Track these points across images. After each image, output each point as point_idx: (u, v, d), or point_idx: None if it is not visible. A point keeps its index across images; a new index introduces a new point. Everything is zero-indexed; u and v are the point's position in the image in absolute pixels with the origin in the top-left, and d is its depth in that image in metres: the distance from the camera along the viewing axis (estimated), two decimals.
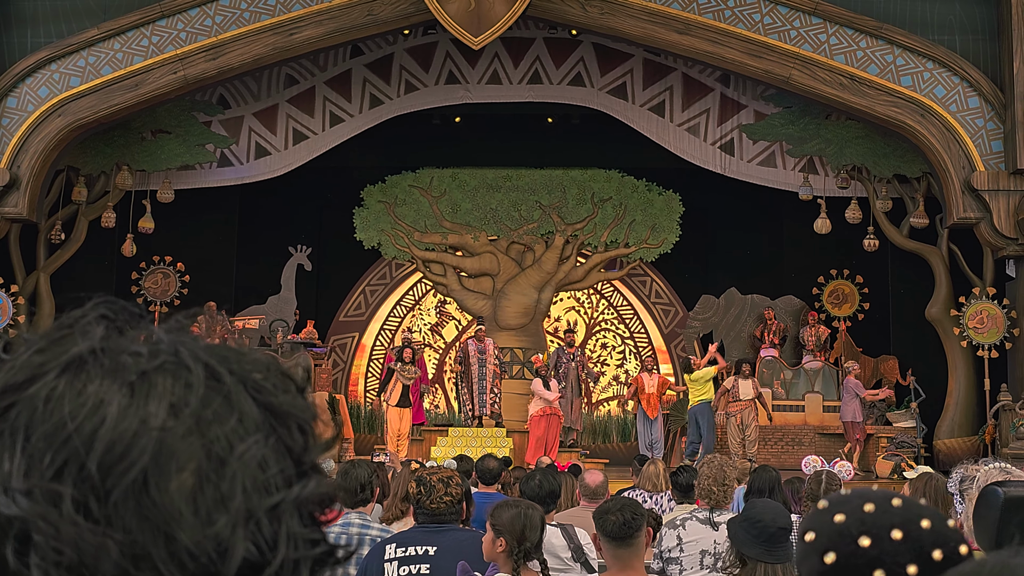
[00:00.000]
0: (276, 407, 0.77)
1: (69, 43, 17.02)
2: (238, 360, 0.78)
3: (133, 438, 0.71)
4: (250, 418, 0.75)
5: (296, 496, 0.75)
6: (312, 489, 0.77)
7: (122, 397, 0.73)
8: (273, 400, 0.77)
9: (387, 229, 21.77)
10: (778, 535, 4.00)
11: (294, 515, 0.75)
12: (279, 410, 0.77)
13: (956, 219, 16.68)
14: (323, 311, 22.05)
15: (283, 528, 0.74)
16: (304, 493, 0.76)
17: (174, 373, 0.75)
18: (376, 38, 18.72)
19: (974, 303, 17.16)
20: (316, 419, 0.80)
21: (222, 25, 17.11)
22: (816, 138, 18.80)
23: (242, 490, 0.73)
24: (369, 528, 5.56)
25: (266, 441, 0.75)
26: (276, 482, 0.75)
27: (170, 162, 19.11)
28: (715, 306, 21.13)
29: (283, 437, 0.77)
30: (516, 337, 21.24)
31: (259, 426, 0.75)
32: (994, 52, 16.79)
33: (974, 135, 16.55)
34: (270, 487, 0.74)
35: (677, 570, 5.79)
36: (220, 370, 0.76)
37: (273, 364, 0.81)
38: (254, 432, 0.75)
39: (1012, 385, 16.59)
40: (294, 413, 0.78)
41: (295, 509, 0.75)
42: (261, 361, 0.80)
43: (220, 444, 0.73)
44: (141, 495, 0.70)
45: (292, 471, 0.76)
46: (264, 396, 0.77)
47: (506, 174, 21.71)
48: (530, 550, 4.13)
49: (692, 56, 17.34)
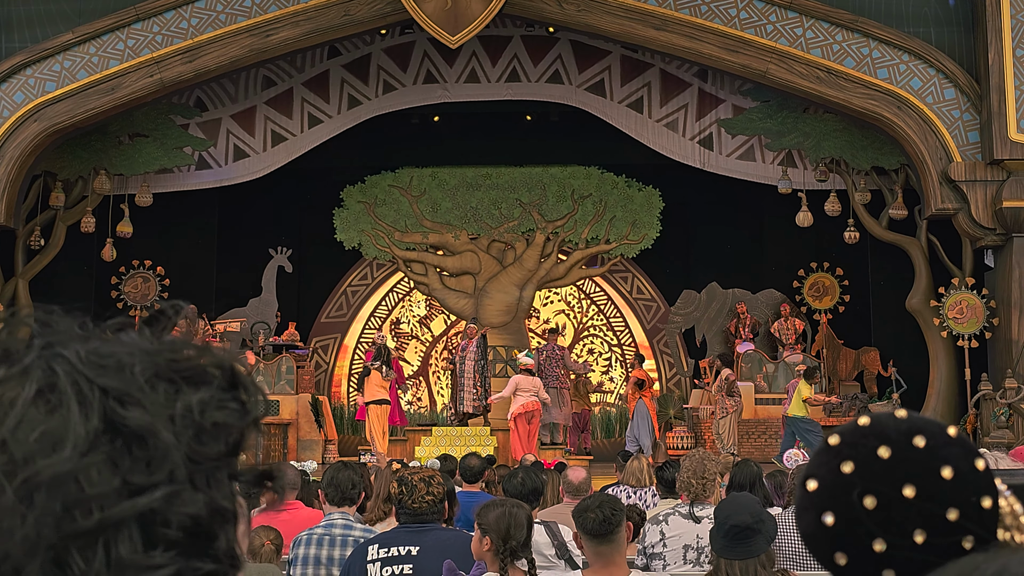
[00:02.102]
0: (131, 420, 0.71)
1: (44, 48, 16.93)
2: (116, 367, 0.73)
3: None
4: (71, 431, 0.69)
5: (121, 517, 0.68)
6: (152, 507, 0.69)
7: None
8: (132, 412, 0.71)
9: (367, 229, 21.74)
10: (733, 532, 3.98)
11: (124, 539, 0.68)
12: (134, 422, 0.71)
13: (934, 210, 16.76)
14: (304, 313, 22.02)
15: (98, 554, 0.68)
16: (135, 511, 0.69)
17: (10, 385, 0.71)
18: (353, 38, 18.68)
19: (954, 293, 17.24)
20: (187, 431, 0.73)
21: (198, 27, 17.05)
22: (794, 132, 18.85)
23: (41, 512, 0.67)
24: (352, 528, 5.56)
25: (87, 456, 0.69)
26: (101, 502, 0.68)
27: (148, 166, 19.02)
28: (697, 301, 21.17)
29: (129, 450, 0.70)
30: (499, 335, 21.24)
31: (85, 440, 0.69)
32: (969, 44, 16.87)
33: (951, 126, 16.63)
34: (88, 508, 0.68)
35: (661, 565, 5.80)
36: (62, 381, 0.71)
37: (183, 363, 0.75)
38: (71, 447, 0.69)
39: (992, 374, 16.67)
40: (149, 426, 0.71)
41: (129, 531, 0.69)
42: (159, 361, 0.74)
43: (15, 463, 0.68)
44: None
45: (130, 488, 0.69)
46: (123, 407, 0.71)
47: (486, 172, 21.71)
48: (516, 548, 4.12)
49: (669, 52, 17.37)
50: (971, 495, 0.84)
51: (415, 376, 22.71)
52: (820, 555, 0.88)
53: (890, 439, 0.86)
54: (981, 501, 0.83)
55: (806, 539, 0.89)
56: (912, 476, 0.84)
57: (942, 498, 0.83)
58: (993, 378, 16.57)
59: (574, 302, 23.27)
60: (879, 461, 0.85)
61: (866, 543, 0.84)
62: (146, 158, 18.99)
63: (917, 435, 0.86)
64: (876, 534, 0.84)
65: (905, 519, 0.83)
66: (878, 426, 0.88)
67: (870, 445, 0.86)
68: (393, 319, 23.01)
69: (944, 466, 0.84)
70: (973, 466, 0.85)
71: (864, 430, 0.88)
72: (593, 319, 23.21)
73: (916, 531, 0.83)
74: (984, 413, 16.41)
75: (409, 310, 23.07)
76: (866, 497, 0.84)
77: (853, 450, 0.87)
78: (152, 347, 0.76)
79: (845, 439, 0.89)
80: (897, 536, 0.83)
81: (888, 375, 18.64)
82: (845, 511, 0.85)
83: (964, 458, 0.85)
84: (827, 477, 0.87)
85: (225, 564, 0.73)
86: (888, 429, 0.87)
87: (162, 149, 19.09)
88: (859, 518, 0.85)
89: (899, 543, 0.83)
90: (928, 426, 0.87)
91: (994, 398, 16.18)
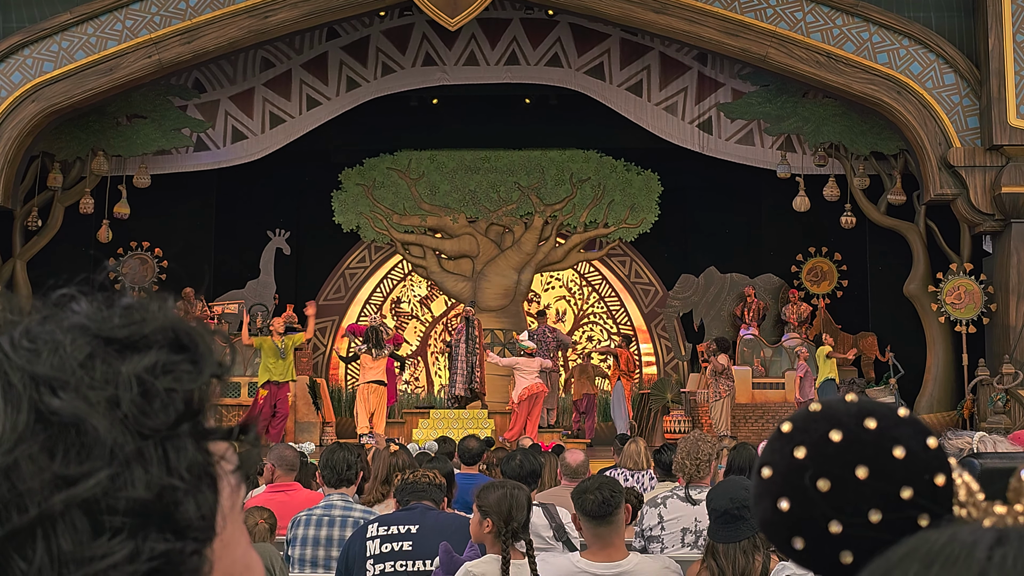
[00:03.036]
0: (58, 409, 0.69)
1: (42, 28, 16.87)
2: (53, 348, 0.71)
3: None
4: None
5: (59, 508, 0.66)
6: (87, 494, 0.67)
7: None
8: (56, 403, 0.69)
9: (366, 212, 21.71)
10: (715, 516, 4.04)
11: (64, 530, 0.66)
12: (61, 413, 0.69)
13: (933, 195, 16.75)
14: (302, 295, 21.97)
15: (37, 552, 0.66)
16: (73, 499, 0.67)
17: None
18: (352, 20, 18.63)
19: (951, 279, 17.25)
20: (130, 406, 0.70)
21: (196, 8, 17.00)
22: (793, 116, 18.83)
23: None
24: (352, 509, 5.57)
25: (13, 452, 0.67)
26: (37, 496, 0.66)
27: (146, 147, 18.99)
28: (695, 285, 21.17)
29: (63, 441, 0.68)
30: (497, 318, 21.25)
31: (9, 435, 0.67)
32: (969, 29, 16.84)
33: (950, 111, 16.61)
34: (23, 504, 0.66)
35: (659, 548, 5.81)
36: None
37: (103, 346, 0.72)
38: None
39: (990, 360, 16.69)
40: (82, 414, 0.69)
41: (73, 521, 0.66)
42: (88, 347, 0.72)
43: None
44: None
45: (61, 479, 0.67)
46: (51, 398, 0.69)
47: (484, 155, 21.68)
48: (517, 530, 4.13)
49: (669, 35, 17.33)
50: (924, 473, 0.84)
51: (413, 356, 22.73)
52: (778, 541, 0.88)
53: (841, 423, 0.87)
54: (934, 478, 0.84)
55: (763, 526, 0.90)
56: (864, 457, 0.85)
57: (895, 477, 0.84)
58: (990, 364, 16.59)
59: (575, 288, 23.28)
60: (831, 445, 0.86)
61: (822, 526, 0.85)
62: (144, 139, 18.96)
63: (868, 417, 0.86)
64: (831, 516, 0.84)
65: (859, 500, 0.84)
66: (829, 411, 0.88)
67: (822, 429, 0.87)
68: (394, 298, 23.03)
69: (896, 446, 0.85)
70: (925, 445, 0.86)
71: (815, 415, 0.89)
72: (594, 307, 23.22)
73: (871, 511, 0.83)
74: (981, 398, 16.44)
75: (410, 290, 23.11)
76: (820, 480, 0.85)
77: (805, 435, 0.88)
78: (93, 318, 0.74)
79: (797, 425, 0.89)
80: (852, 517, 0.84)
81: (885, 360, 18.67)
82: (800, 496, 0.86)
83: (915, 438, 0.86)
84: (781, 463, 0.88)
85: (189, 538, 0.70)
86: (839, 413, 0.88)
87: (160, 130, 19.06)
88: (814, 502, 0.85)
89: (855, 524, 0.84)
90: (879, 408, 0.88)
91: (991, 383, 16.21)
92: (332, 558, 5.35)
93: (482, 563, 4.15)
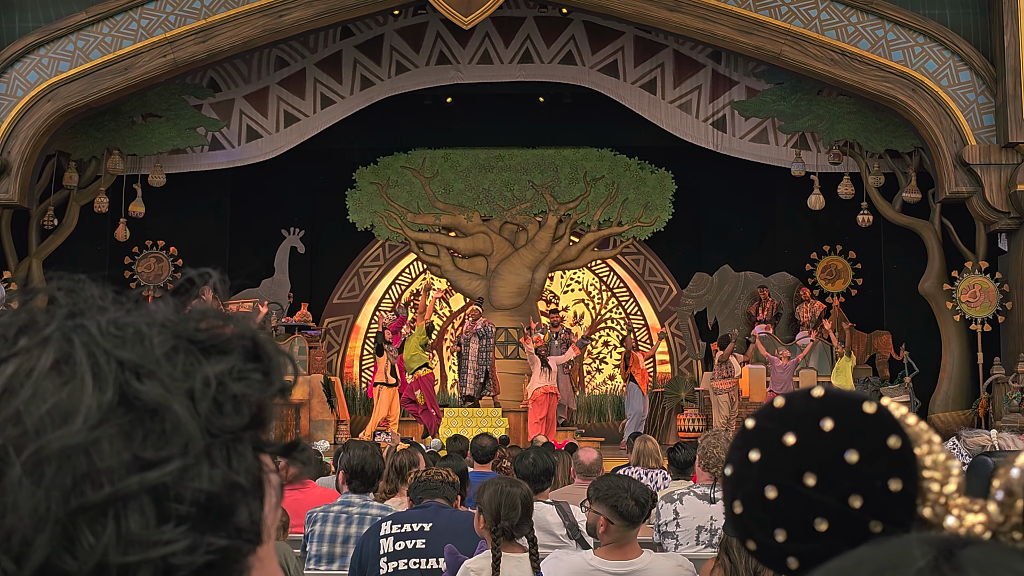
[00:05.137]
0: (144, 393, 0.70)
1: (58, 27, 16.94)
2: (133, 339, 0.73)
3: None
4: (83, 404, 0.69)
5: (128, 492, 0.67)
6: (161, 481, 0.68)
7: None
8: (147, 385, 0.71)
9: (380, 211, 21.74)
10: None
11: (133, 513, 0.67)
12: (148, 396, 0.70)
13: (948, 193, 16.69)
14: (317, 293, 22.07)
15: (107, 529, 0.67)
16: (144, 486, 0.68)
17: (27, 357, 0.70)
18: (366, 19, 18.66)
19: (967, 277, 17.19)
20: (205, 404, 0.72)
21: (211, 7, 17.04)
22: (808, 114, 18.78)
23: (49, 486, 0.66)
24: (369, 507, 5.58)
25: (97, 429, 0.68)
26: (111, 476, 0.67)
27: (161, 146, 19.05)
28: (709, 283, 21.14)
29: (142, 424, 0.70)
30: (510, 317, 21.26)
31: (98, 413, 0.69)
32: (985, 26, 16.77)
33: (965, 109, 16.55)
34: (98, 482, 0.67)
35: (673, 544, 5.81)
36: (77, 352, 0.71)
37: (204, 336, 0.75)
38: (82, 419, 0.68)
39: (1005, 358, 16.63)
40: (165, 402, 0.70)
41: (139, 505, 0.68)
42: (170, 342, 0.73)
43: (27, 435, 0.67)
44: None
45: (141, 462, 0.69)
46: (139, 380, 0.70)
47: (498, 154, 21.68)
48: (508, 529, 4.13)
49: (683, 33, 17.30)
50: (877, 479, 0.80)
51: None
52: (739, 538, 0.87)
53: (797, 425, 0.83)
54: (889, 484, 0.80)
55: (727, 523, 0.88)
56: (815, 464, 0.81)
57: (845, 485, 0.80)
58: (1006, 362, 16.53)
59: (594, 292, 23.29)
60: (784, 449, 0.83)
61: (770, 532, 0.82)
62: (159, 138, 19.02)
63: (826, 418, 0.82)
64: (778, 524, 0.82)
65: (806, 509, 0.81)
66: (788, 410, 0.85)
67: (778, 431, 0.83)
68: (413, 291, 23.08)
69: (850, 450, 0.81)
70: (884, 446, 0.81)
71: (775, 414, 0.85)
72: (613, 312, 23.22)
73: (818, 520, 0.80)
74: (996, 397, 16.38)
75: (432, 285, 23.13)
76: (767, 488, 0.82)
77: (761, 437, 0.85)
78: (174, 317, 0.76)
79: (758, 424, 0.86)
80: (798, 526, 0.81)
81: (900, 359, 18.61)
82: (750, 501, 0.84)
83: (874, 438, 0.81)
84: (739, 464, 0.85)
85: (243, 539, 0.72)
86: (797, 413, 0.84)
87: (175, 129, 19.11)
88: (764, 508, 0.83)
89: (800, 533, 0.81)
90: (840, 405, 0.83)
91: (1006, 382, 16.15)
92: (347, 555, 5.37)
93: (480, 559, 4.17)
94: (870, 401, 0.83)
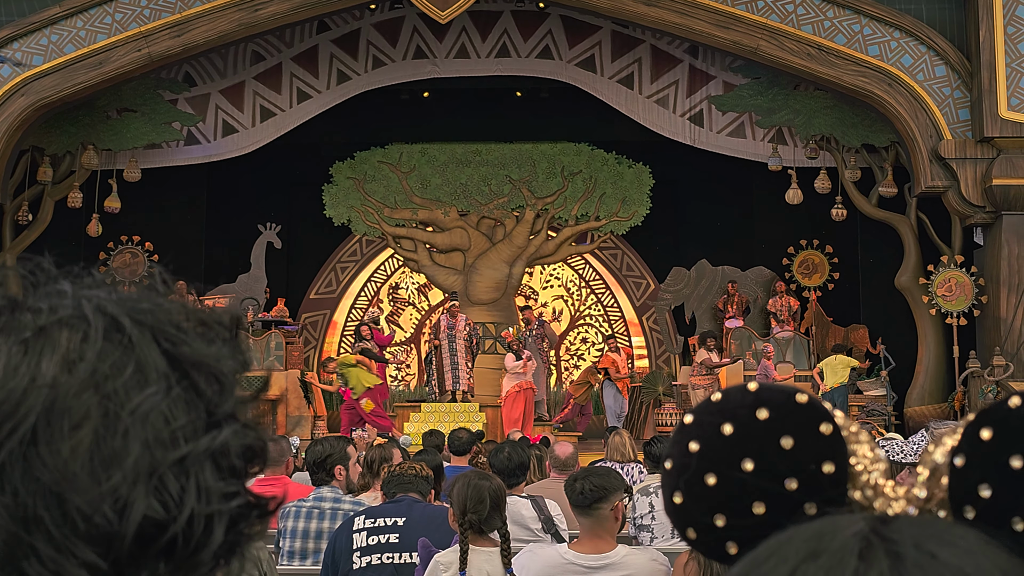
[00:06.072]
0: (187, 356, 0.74)
1: (31, 21, 16.81)
2: (151, 310, 0.75)
3: (22, 396, 0.68)
4: (152, 368, 0.72)
5: (207, 447, 0.72)
6: (227, 440, 0.73)
7: (13, 355, 0.70)
8: (185, 349, 0.74)
9: (357, 205, 21.66)
10: None
11: (207, 468, 0.72)
12: (191, 359, 0.74)
13: (924, 188, 16.76)
14: (294, 289, 21.98)
15: (191, 482, 0.71)
16: (216, 444, 0.73)
17: (72, 326, 0.72)
18: (342, 13, 18.59)
19: (942, 271, 17.27)
20: (236, 368, 0.77)
21: (186, 1, 16.94)
22: (785, 109, 18.82)
23: (141, 444, 0.70)
24: (341, 502, 5.55)
25: (169, 392, 0.72)
26: (184, 433, 0.72)
27: (136, 141, 18.93)
28: (686, 278, 21.18)
29: (196, 386, 0.73)
30: (488, 312, 21.22)
31: (163, 376, 0.72)
32: (960, 21, 16.84)
33: (941, 104, 16.62)
34: (176, 439, 0.71)
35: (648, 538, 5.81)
36: (123, 321, 0.73)
37: (194, 313, 0.78)
38: (155, 382, 0.72)
39: (980, 352, 16.72)
40: (207, 362, 0.75)
41: (208, 461, 0.72)
42: (180, 310, 0.77)
43: (116, 397, 0.70)
44: (30, 455, 0.68)
45: (203, 422, 0.73)
46: (175, 346, 0.74)
47: (475, 149, 21.64)
48: (476, 522, 4.12)
49: (660, 28, 17.31)
50: (811, 462, 0.84)
51: (407, 343, 22.77)
52: (678, 529, 0.90)
53: (735, 415, 0.87)
54: (822, 467, 0.84)
55: (668, 515, 0.91)
56: (751, 450, 0.85)
57: (780, 469, 0.84)
58: (981, 356, 16.62)
59: (573, 289, 23.31)
60: (722, 438, 0.86)
61: (709, 519, 0.86)
62: (134, 133, 18.89)
63: (761, 408, 0.86)
64: (716, 510, 0.85)
65: (744, 493, 0.84)
66: (725, 403, 0.88)
67: (715, 423, 0.87)
68: (392, 284, 23.05)
69: (784, 436, 0.85)
70: (816, 432, 0.85)
71: (713, 407, 0.89)
72: (591, 308, 23.25)
73: (755, 504, 0.84)
74: (972, 391, 16.46)
75: (409, 276, 23.13)
76: (707, 475, 0.86)
77: (700, 429, 0.88)
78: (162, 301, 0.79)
79: (696, 418, 0.90)
80: (736, 511, 0.85)
81: (877, 352, 18.68)
82: (690, 489, 0.87)
83: (807, 425, 0.85)
84: (678, 457, 0.89)
85: None
86: (734, 405, 0.88)
87: (150, 124, 18.99)
88: (703, 495, 0.86)
89: (738, 517, 0.85)
90: (774, 396, 0.87)
91: (982, 376, 16.23)
92: (320, 550, 5.35)
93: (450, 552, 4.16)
94: (801, 392, 0.87)
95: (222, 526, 0.72)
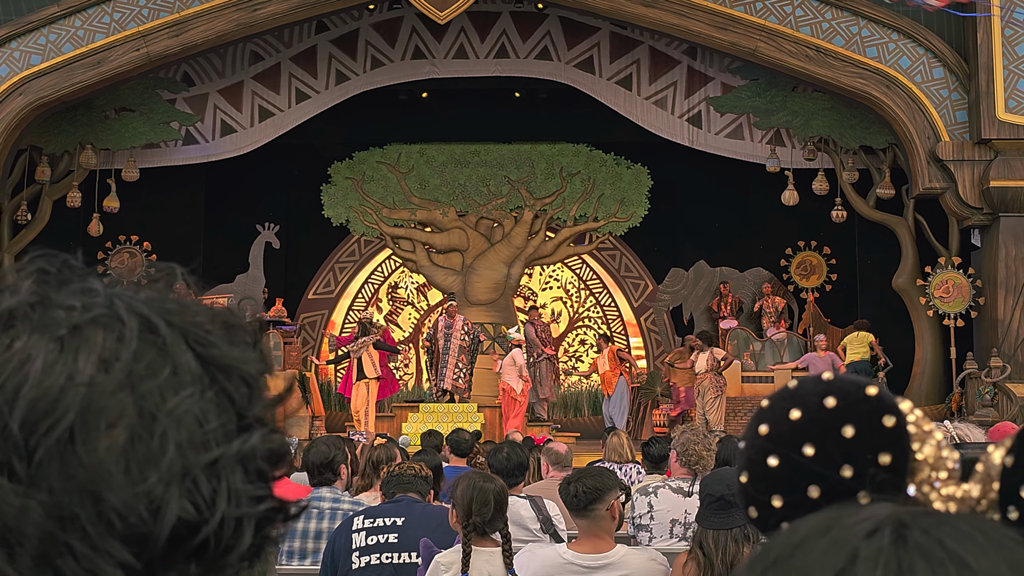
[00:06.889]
0: (218, 359, 0.74)
1: (29, 20, 16.80)
2: (180, 312, 0.76)
3: (59, 394, 0.68)
4: (186, 370, 0.72)
5: (237, 451, 0.73)
6: (256, 444, 0.74)
7: (49, 352, 0.70)
8: (215, 352, 0.75)
9: (355, 206, 21.67)
10: (708, 501, 4.08)
11: (236, 471, 0.73)
12: (221, 362, 0.75)
13: (922, 189, 16.78)
14: (292, 289, 21.98)
15: (223, 485, 0.72)
16: (246, 448, 0.74)
17: (107, 326, 0.72)
18: (341, 13, 18.59)
19: (940, 273, 17.28)
20: (263, 371, 0.78)
21: (185, 1, 16.94)
22: (783, 110, 18.83)
23: (176, 446, 0.70)
24: (340, 502, 5.56)
25: (203, 394, 0.72)
26: (216, 437, 0.72)
27: (134, 140, 18.92)
28: (684, 279, 21.19)
29: (225, 390, 0.74)
30: (486, 312, 21.22)
31: (196, 379, 0.73)
32: (958, 22, 16.85)
33: (939, 105, 16.63)
34: (208, 442, 0.72)
35: (647, 538, 5.82)
36: (156, 322, 0.73)
37: (220, 315, 0.78)
38: (189, 385, 0.72)
39: (978, 353, 16.73)
40: (236, 365, 0.75)
41: (238, 465, 0.73)
42: (206, 312, 0.77)
43: (152, 399, 0.70)
44: (67, 454, 0.68)
45: (234, 425, 0.74)
46: (205, 348, 0.74)
47: (474, 149, 21.65)
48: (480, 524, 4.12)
49: (658, 29, 17.32)
50: (869, 452, 0.88)
51: (405, 342, 22.77)
52: (742, 507, 0.94)
53: (804, 401, 0.91)
54: (879, 457, 0.87)
55: (737, 494, 0.96)
56: (814, 436, 0.89)
57: (839, 456, 0.88)
58: (978, 357, 16.63)
59: (572, 290, 23.32)
60: (789, 423, 0.90)
61: (768, 499, 0.90)
62: (133, 133, 18.88)
63: (829, 396, 0.90)
64: (775, 491, 0.89)
65: (802, 477, 0.88)
66: (799, 389, 0.92)
67: (786, 407, 0.91)
68: (391, 283, 23.06)
69: (847, 425, 0.88)
70: (879, 423, 0.88)
71: (787, 393, 0.93)
72: (590, 310, 23.25)
73: (811, 487, 0.88)
74: (969, 392, 16.48)
75: (408, 276, 23.13)
76: (770, 457, 0.90)
77: (771, 413, 0.92)
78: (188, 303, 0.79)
79: (771, 402, 0.94)
80: (793, 493, 0.89)
81: (874, 353, 18.69)
82: (755, 470, 0.91)
83: (871, 415, 0.89)
84: (749, 439, 0.93)
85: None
86: (806, 392, 0.91)
87: (149, 124, 18.98)
88: (765, 476, 0.90)
89: (795, 499, 0.89)
90: (844, 387, 0.91)
91: (979, 377, 16.24)
92: (319, 550, 5.35)
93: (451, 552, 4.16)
94: (874, 385, 0.91)
95: (251, 529, 0.73)
